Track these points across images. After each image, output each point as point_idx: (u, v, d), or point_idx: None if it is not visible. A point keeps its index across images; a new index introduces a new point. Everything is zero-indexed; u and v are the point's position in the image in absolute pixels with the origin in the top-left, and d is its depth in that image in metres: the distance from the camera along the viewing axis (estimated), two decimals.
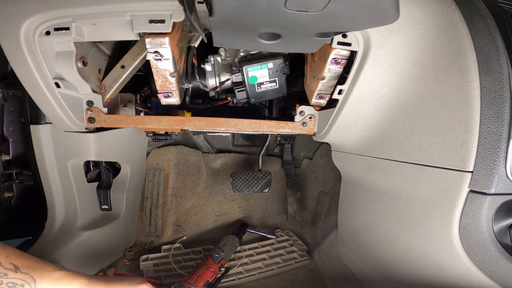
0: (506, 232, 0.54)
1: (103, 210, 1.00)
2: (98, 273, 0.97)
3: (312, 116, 0.86)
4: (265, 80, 0.84)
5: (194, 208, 1.33)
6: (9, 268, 0.54)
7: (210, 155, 1.40)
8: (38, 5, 0.57)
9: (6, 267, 0.53)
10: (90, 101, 0.77)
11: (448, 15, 0.58)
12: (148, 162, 1.27)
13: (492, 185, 0.51)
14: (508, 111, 0.51)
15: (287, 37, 0.53)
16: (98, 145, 0.85)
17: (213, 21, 0.47)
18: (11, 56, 0.63)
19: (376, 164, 0.76)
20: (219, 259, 0.98)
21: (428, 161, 0.60)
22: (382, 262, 0.82)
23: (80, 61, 0.70)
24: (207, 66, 0.88)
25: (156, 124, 0.82)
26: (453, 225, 0.56)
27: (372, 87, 0.68)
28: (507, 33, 0.56)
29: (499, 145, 0.51)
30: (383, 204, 0.76)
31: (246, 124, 0.85)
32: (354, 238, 0.95)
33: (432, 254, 0.62)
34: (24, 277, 0.54)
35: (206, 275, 0.90)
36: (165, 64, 0.66)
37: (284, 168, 1.44)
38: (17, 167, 0.96)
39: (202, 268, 0.92)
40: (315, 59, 0.78)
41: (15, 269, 0.54)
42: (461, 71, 0.55)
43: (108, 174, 1.00)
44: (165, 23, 0.58)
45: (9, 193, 0.97)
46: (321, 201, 1.32)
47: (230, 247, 1.06)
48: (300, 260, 1.15)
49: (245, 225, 1.28)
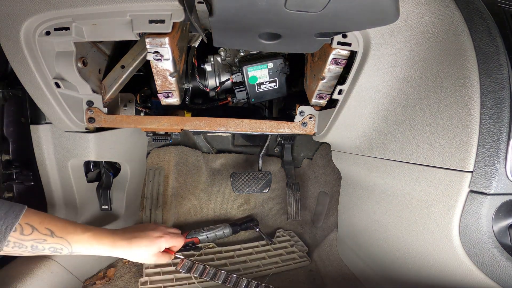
0: (506, 232, 0.54)
1: (103, 210, 1.00)
2: (98, 273, 0.97)
3: (312, 116, 0.86)
4: (265, 80, 0.84)
5: (194, 208, 1.33)
6: (45, 234, 0.56)
7: (210, 155, 1.40)
8: (38, 5, 0.57)
9: (43, 232, 0.56)
10: (90, 101, 0.77)
11: (448, 15, 0.58)
12: (148, 162, 1.28)
13: (492, 185, 0.51)
14: (508, 111, 0.51)
15: (287, 37, 0.53)
16: (98, 145, 0.85)
17: (213, 21, 0.47)
18: (11, 56, 0.63)
19: (376, 164, 0.76)
20: (192, 236, 1.11)
21: (428, 161, 0.60)
22: (382, 262, 0.82)
23: (80, 61, 0.70)
24: (207, 66, 0.88)
25: (156, 124, 0.82)
26: (453, 225, 0.55)
27: (372, 87, 0.68)
28: (507, 33, 0.56)
29: (499, 145, 0.51)
30: (383, 204, 0.76)
31: (246, 124, 0.85)
32: (354, 238, 0.95)
33: (432, 254, 0.62)
34: (60, 241, 0.58)
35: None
36: (165, 64, 0.66)
37: (284, 168, 1.44)
38: (17, 167, 0.96)
39: None
40: (315, 59, 0.78)
41: (51, 234, 0.57)
42: (461, 71, 0.55)
43: (108, 174, 1.00)
44: (165, 23, 0.58)
45: (9, 193, 0.97)
46: (321, 201, 1.32)
47: (213, 232, 1.15)
48: (299, 261, 1.15)
49: (253, 221, 1.28)
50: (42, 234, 0.56)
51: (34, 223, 0.55)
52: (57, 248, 0.57)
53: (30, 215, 0.56)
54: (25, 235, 0.54)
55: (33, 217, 0.56)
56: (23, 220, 0.54)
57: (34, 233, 0.55)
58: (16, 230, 0.53)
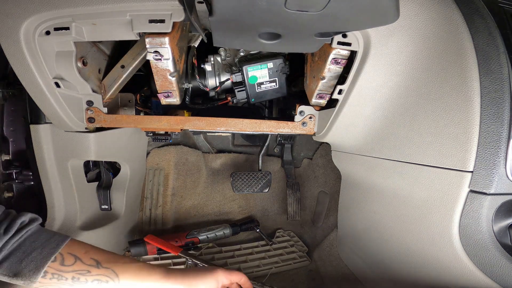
0: (506, 232, 0.54)
1: (103, 210, 1.00)
2: None
3: (312, 116, 0.86)
4: (265, 80, 0.84)
5: (194, 208, 1.33)
6: (90, 264, 0.51)
7: (210, 155, 1.40)
8: (38, 5, 0.57)
9: (88, 263, 0.51)
10: (90, 101, 0.77)
11: (448, 15, 0.58)
12: (148, 162, 1.27)
13: (492, 185, 0.51)
14: (508, 111, 0.51)
15: (287, 37, 0.53)
16: (98, 145, 0.85)
17: (213, 21, 0.47)
18: (11, 56, 0.63)
19: (376, 164, 0.76)
20: (192, 236, 1.12)
21: (428, 161, 0.60)
22: (382, 262, 0.82)
23: (80, 61, 0.70)
24: (207, 66, 0.88)
25: (156, 124, 0.82)
26: (453, 225, 0.55)
27: (372, 87, 0.68)
28: (507, 33, 0.56)
29: (499, 145, 0.51)
30: (383, 204, 0.76)
31: (246, 124, 0.85)
32: (354, 238, 0.95)
33: (432, 254, 0.62)
34: (107, 272, 0.52)
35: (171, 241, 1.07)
36: (165, 64, 0.66)
37: (284, 168, 1.44)
38: (17, 167, 0.96)
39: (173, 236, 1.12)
40: (315, 59, 0.78)
41: (96, 265, 0.52)
42: (461, 71, 0.55)
43: (108, 174, 1.00)
44: (165, 23, 0.58)
45: (9, 193, 0.97)
46: (321, 201, 1.32)
47: (214, 233, 1.16)
48: (299, 261, 1.15)
49: (254, 222, 1.28)
50: (87, 264, 0.51)
51: (78, 253, 0.51)
52: (103, 280, 0.52)
53: (74, 244, 0.52)
54: (66, 266, 0.50)
55: (78, 246, 0.52)
56: (66, 249, 0.50)
57: (77, 263, 0.50)
58: (56, 260, 0.49)
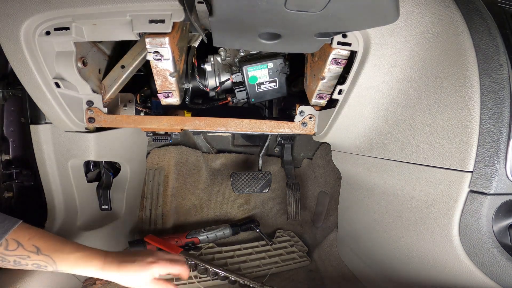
0: (506, 232, 0.54)
1: (103, 210, 1.00)
2: None
3: (312, 116, 0.86)
4: (265, 80, 0.84)
5: (194, 208, 1.33)
6: (31, 250, 0.56)
7: (210, 155, 1.40)
8: (38, 5, 0.57)
9: (28, 249, 0.56)
10: (90, 101, 0.77)
11: (447, 15, 0.58)
12: (148, 162, 1.27)
13: (492, 185, 0.51)
14: (508, 111, 0.51)
15: (287, 37, 0.53)
16: (98, 145, 0.85)
17: (213, 21, 0.47)
18: (11, 56, 0.63)
19: (376, 164, 0.76)
20: (192, 236, 1.13)
21: (428, 161, 0.60)
22: (382, 262, 0.82)
23: (80, 61, 0.70)
24: (207, 66, 0.88)
25: (156, 124, 0.82)
26: (453, 225, 0.56)
27: (372, 87, 0.68)
28: (507, 33, 0.56)
29: (499, 145, 0.51)
30: (383, 204, 0.76)
31: (246, 124, 0.85)
32: (354, 238, 0.95)
33: (432, 254, 0.62)
34: (45, 258, 0.57)
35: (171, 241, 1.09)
36: (165, 64, 0.66)
37: (284, 168, 1.44)
38: (17, 167, 0.96)
39: (173, 236, 1.12)
40: (315, 59, 0.78)
41: (37, 252, 0.56)
42: (461, 71, 0.55)
43: (108, 174, 1.00)
44: (165, 23, 0.58)
45: (9, 193, 0.97)
46: (321, 201, 1.32)
47: (214, 233, 1.16)
48: (299, 261, 1.15)
49: (254, 222, 1.28)
50: (27, 250, 0.55)
51: (21, 240, 0.55)
52: (41, 265, 0.57)
53: (21, 230, 0.56)
54: (9, 250, 0.54)
55: (23, 232, 0.56)
56: (11, 235, 0.54)
57: (19, 249, 0.55)
58: (1, 245, 0.53)
